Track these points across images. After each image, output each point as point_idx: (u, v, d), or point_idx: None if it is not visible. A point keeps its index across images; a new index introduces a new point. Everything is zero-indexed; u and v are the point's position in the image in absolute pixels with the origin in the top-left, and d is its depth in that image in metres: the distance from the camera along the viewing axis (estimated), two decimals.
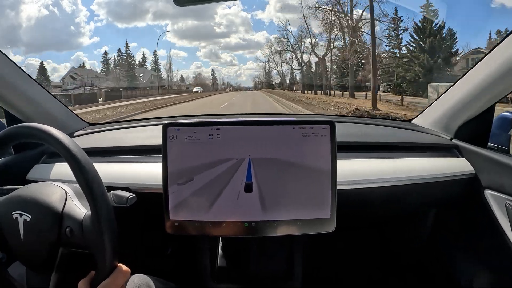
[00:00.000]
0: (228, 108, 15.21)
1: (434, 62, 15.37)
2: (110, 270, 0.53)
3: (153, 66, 27.88)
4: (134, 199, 0.62)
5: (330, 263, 1.19)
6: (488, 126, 0.89)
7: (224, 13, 37.14)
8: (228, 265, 0.86)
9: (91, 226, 0.53)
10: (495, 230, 0.78)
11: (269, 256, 0.90)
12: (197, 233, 0.66)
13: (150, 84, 26.08)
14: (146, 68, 27.11)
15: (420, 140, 0.95)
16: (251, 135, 0.65)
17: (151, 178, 0.78)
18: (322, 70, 22.18)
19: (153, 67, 27.82)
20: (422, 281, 1.10)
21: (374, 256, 1.24)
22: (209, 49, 36.18)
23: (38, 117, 0.95)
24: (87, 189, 0.52)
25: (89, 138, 1.06)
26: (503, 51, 0.72)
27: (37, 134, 0.56)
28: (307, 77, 24.07)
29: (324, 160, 0.64)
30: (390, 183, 0.80)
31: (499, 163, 0.78)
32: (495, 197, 0.79)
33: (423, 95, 14.27)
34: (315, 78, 22.93)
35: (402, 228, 1.17)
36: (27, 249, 0.57)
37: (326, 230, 0.65)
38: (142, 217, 1.00)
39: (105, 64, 25.46)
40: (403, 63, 16.93)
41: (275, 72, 29.12)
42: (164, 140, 0.64)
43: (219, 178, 0.64)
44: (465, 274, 0.92)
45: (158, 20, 32.78)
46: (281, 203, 0.65)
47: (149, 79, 26.22)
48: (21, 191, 0.60)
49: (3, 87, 0.85)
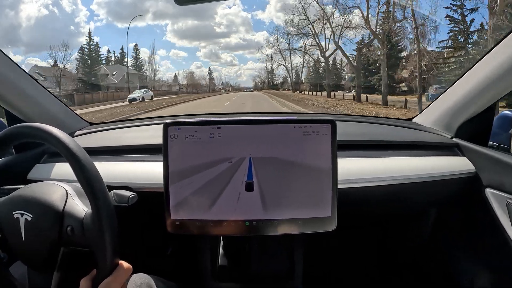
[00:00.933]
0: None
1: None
2: (111, 268, 0.53)
3: (134, 62, 24.12)
4: (135, 198, 0.62)
5: (331, 262, 1.19)
6: (489, 124, 0.89)
7: (224, 13, 37.00)
8: (229, 264, 0.86)
9: (92, 224, 0.53)
10: (496, 228, 0.78)
11: (270, 255, 0.90)
12: (197, 232, 0.66)
13: (125, 84, 21.89)
14: (122, 65, 23.00)
15: (421, 139, 0.95)
16: (252, 134, 0.65)
17: (152, 177, 0.78)
18: (349, 67, 17.90)
19: (134, 63, 24.08)
20: (423, 280, 1.10)
21: (375, 255, 1.24)
22: (209, 49, 36.01)
23: (39, 116, 0.95)
24: (88, 188, 0.52)
25: (90, 137, 1.06)
26: (504, 49, 0.72)
27: (38, 134, 0.56)
28: (331, 74, 18.72)
29: (324, 158, 0.64)
30: (391, 181, 0.80)
31: (500, 162, 0.78)
32: (495, 195, 0.79)
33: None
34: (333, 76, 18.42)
35: (403, 227, 1.17)
36: (28, 249, 0.57)
37: (327, 229, 0.65)
38: (143, 216, 1.00)
39: (81, 61, 21.17)
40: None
41: (281, 69, 25.35)
42: (165, 139, 0.64)
43: (220, 177, 0.64)
44: (465, 273, 0.92)
45: (158, 20, 32.59)
46: (282, 202, 0.65)
47: (124, 78, 22.19)
48: (22, 191, 0.60)
49: (4, 87, 0.85)
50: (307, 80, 22.68)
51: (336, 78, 20.00)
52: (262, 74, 29.09)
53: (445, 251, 1.01)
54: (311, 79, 22.13)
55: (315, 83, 21.16)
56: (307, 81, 22.63)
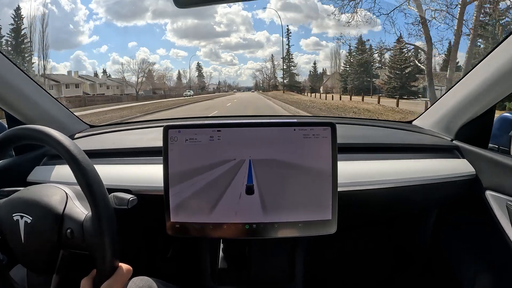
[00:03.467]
0: None
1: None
2: (111, 271, 0.53)
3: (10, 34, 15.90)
4: (135, 201, 0.62)
5: (331, 265, 1.19)
6: (488, 127, 0.89)
7: (225, 12, 36.95)
8: (229, 267, 0.86)
9: (92, 228, 0.53)
10: (496, 231, 0.78)
11: (270, 258, 0.89)
12: (197, 235, 0.65)
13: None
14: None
15: (421, 141, 0.95)
16: (252, 137, 0.65)
17: (152, 180, 0.78)
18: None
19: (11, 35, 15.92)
20: (424, 283, 1.09)
21: (376, 258, 1.23)
22: (209, 48, 35.86)
23: (39, 118, 0.95)
24: (88, 191, 0.52)
25: (90, 140, 1.06)
26: (503, 51, 0.72)
27: (38, 136, 0.56)
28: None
29: (325, 161, 0.64)
30: (391, 184, 0.80)
31: (500, 164, 0.78)
32: (496, 198, 0.79)
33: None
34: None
35: (403, 230, 1.17)
36: (28, 251, 0.57)
37: (327, 232, 0.65)
38: (143, 219, 1.00)
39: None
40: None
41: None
42: (165, 142, 0.64)
43: (220, 180, 0.64)
44: (466, 275, 0.92)
45: (158, 19, 32.39)
46: (282, 205, 0.65)
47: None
48: (22, 193, 0.60)
49: (4, 88, 0.85)
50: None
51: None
52: (267, 68, 24.11)
53: (446, 253, 1.01)
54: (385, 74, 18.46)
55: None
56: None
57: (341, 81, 19.69)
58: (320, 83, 21.56)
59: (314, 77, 21.92)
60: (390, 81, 16.19)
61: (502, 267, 0.81)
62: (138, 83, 21.37)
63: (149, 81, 22.88)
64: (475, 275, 0.89)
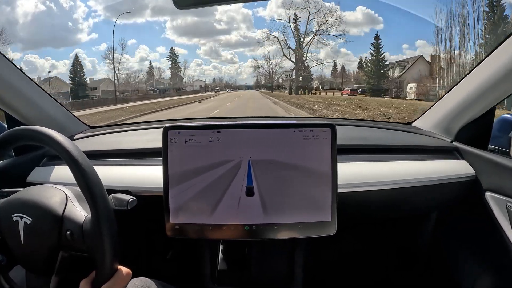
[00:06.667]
0: None
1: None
2: (110, 273, 0.53)
3: None
4: (135, 202, 0.62)
5: (330, 266, 1.19)
6: (488, 128, 0.89)
7: (225, 10, 36.70)
8: (229, 268, 0.86)
9: (92, 230, 0.53)
10: (496, 232, 0.78)
11: (269, 259, 0.89)
12: (197, 236, 0.65)
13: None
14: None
15: (420, 143, 0.95)
16: (252, 138, 0.65)
17: (151, 181, 0.78)
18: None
19: None
20: (424, 284, 1.09)
21: (375, 259, 1.23)
22: (210, 46, 35.68)
23: (39, 119, 0.95)
24: (88, 192, 0.52)
25: (90, 141, 1.06)
26: (503, 53, 0.72)
27: (37, 137, 0.56)
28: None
29: (324, 163, 0.64)
30: (391, 185, 0.80)
31: (500, 165, 0.78)
32: (496, 199, 0.79)
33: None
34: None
35: (403, 231, 1.16)
36: (27, 252, 0.57)
37: (327, 233, 0.65)
38: (142, 220, 1.00)
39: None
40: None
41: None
42: (164, 143, 0.64)
43: (219, 181, 0.64)
44: (466, 276, 0.92)
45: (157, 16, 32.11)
46: (282, 206, 0.64)
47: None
48: (22, 194, 0.60)
49: (4, 89, 0.85)
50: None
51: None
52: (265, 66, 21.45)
53: (445, 254, 1.00)
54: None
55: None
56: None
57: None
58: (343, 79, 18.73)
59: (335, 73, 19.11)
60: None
61: (502, 268, 0.81)
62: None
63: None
64: (475, 276, 0.89)
